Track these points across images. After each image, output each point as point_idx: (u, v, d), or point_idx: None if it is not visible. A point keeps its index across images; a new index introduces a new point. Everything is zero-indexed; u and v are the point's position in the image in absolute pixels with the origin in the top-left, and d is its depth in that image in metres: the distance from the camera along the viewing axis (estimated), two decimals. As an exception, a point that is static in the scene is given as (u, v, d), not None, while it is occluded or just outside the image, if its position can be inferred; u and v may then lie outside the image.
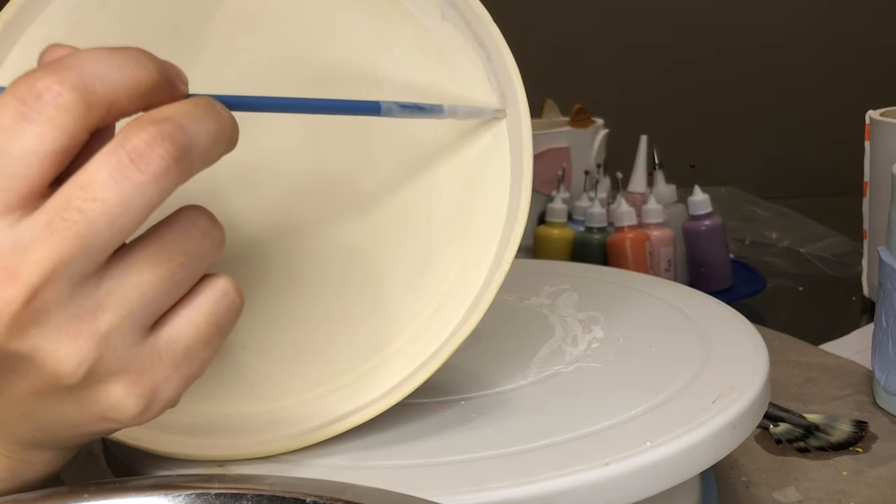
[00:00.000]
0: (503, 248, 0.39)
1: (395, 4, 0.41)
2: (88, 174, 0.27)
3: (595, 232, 0.83)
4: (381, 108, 0.36)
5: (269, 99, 0.33)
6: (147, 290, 0.29)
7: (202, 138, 0.28)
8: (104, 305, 0.28)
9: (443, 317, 0.39)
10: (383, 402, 0.37)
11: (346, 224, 0.41)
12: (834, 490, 0.48)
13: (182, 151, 0.28)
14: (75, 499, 0.30)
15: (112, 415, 0.30)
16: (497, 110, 0.40)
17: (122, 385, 0.30)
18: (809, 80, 1.34)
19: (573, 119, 0.92)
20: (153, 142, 0.27)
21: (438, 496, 0.32)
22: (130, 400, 0.30)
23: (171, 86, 0.29)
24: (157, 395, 0.30)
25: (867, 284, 0.79)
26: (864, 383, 0.60)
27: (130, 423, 0.31)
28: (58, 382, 0.29)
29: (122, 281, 0.29)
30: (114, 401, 0.30)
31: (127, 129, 0.28)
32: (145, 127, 0.27)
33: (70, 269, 0.27)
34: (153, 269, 0.29)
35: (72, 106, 0.27)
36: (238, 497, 0.29)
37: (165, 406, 0.31)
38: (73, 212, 0.27)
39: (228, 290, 0.31)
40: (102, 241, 0.27)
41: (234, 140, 0.30)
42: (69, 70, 0.27)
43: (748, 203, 1.07)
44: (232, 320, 0.31)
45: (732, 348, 0.45)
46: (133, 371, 0.29)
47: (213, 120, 0.29)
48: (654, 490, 0.35)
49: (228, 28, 0.40)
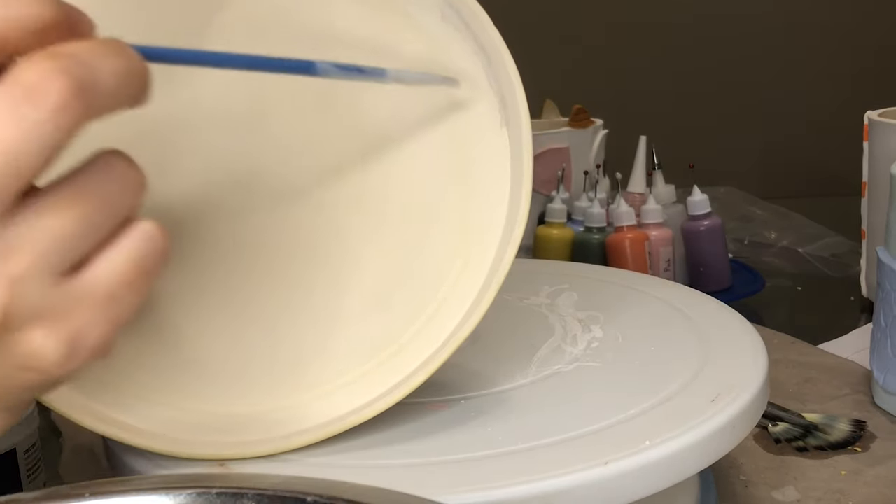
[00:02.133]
0: (503, 249, 0.39)
1: (394, 6, 0.41)
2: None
3: (594, 232, 0.83)
4: (316, 68, 0.34)
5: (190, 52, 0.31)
6: (60, 233, 0.28)
7: (107, 76, 0.27)
8: (15, 248, 0.27)
9: (443, 316, 0.39)
10: (383, 401, 0.37)
11: (345, 224, 0.41)
12: (832, 489, 0.48)
13: (82, 86, 0.26)
14: (75, 498, 0.30)
15: (34, 363, 0.29)
16: (448, 77, 0.39)
17: (41, 332, 0.28)
18: (809, 81, 1.34)
19: (573, 119, 0.93)
20: (49, 75, 0.26)
21: (438, 496, 0.32)
22: (51, 345, 0.28)
23: (72, 25, 0.28)
24: (80, 342, 0.29)
25: (866, 284, 0.79)
26: (862, 383, 0.60)
27: (56, 372, 0.29)
28: None
29: (34, 224, 0.27)
30: (35, 348, 0.28)
31: (21, 64, 0.26)
32: (42, 61, 0.26)
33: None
34: (66, 211, 0.28)
35: None
36: (239, 496, 0.29)
37: (92, 353, 0.29)
38: None
39: (153, 233, 0.30)
40: (3, 183, 0.26)
41: (145, 85, 0.29)
42: None
43: (747, 203, 1.08)
44: (157, 263, 0.30)
45: (731, 348, 0.45)
46: (51, 316, 0.28)
47: (121, 58, 0.28)
48: (653, 489, 0.35)
49: (230, 31, 0.40)
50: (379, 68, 0.37)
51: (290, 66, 0.34)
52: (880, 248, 0.57)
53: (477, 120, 0.41)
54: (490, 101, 0.41)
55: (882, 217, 0.64)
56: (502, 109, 0.40)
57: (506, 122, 0.40)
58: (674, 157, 0.87)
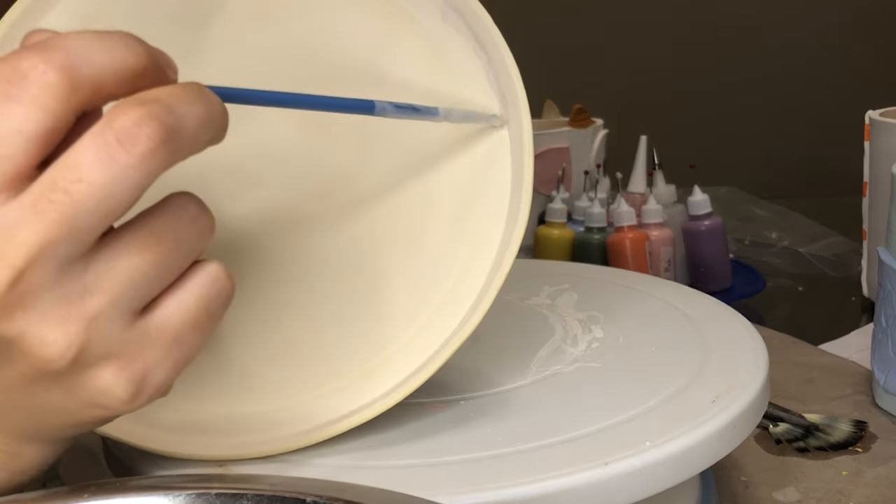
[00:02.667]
0: (504, 249, 0.39)
1: (395, 6, 0.41)
2: (75, 155, 0.27)
3: (595, 232, 0.83)
4: (375, 108, 0.36)
5: (262, 92, 0.33)
6: (135, 274, 0.29)
7: (191, 121, 0.28)
8: (92, 289, 0.28)
9: (443, 317, 0.39)
10: (384, 402, 0.37)
11: (345, 223, 0.41)
12: (833, 490, 0.48)
13: (170, 133, 0.27)
14: (75, 499, 0.30)
15: (102, 401, 0.30)
16: (493, 116, 0.40)
17: (110, 370, 0.29)
18: (809, 81, 1.34)
19: (573, 119, 0.93)
20: (141, 122, 0.27)
21: (438, 496, 0.32)
22: (120, 385, 0.29)
23: (159, 71, 0.29)
24: (148, 381, 0.30)
25: (867, 284, 0.79)
26: (863, 383, 0.60)
27: (121, 409, 0.30)
28: (45, 368, 0.29)
29: (111, 264, 0.28)
30: (103, 386, 0.29)
31: (114, 110, 0.27)
32: (133, 107, 0.27)
33: (56, 252, 0.27)
34: (142, 253, 0.29)
35: (57, 86, 0.27)
36: (238, 497, 0.29)
37: (156, 392, 0.30)
38: (59, 193, 0.27)
39: (219, 275, 0.31)
40: (89, 224, 0.27)
41: (224, 127, 0.30)
42: (55, 50, 0.27)
43: (748, 203, 1.07)
44: (223, 305, 0.31)
45: (732, 348, 0.45)
46: (122, 355, 0.29)
47: (203, 104, 0.28)
48: (653, 490, 0.35)
49: (233, 28, 0.40)
50: (432, 108, 0.38)
51: (353, 107, 0.36)
52: (881, 248, 0.57)
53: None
54: (491, 101, 0.41)
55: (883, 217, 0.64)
56: (503, 109, 0.40)
57: (506, 121, 0.40)
58: (674, 157, 0.87)
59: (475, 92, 0.41)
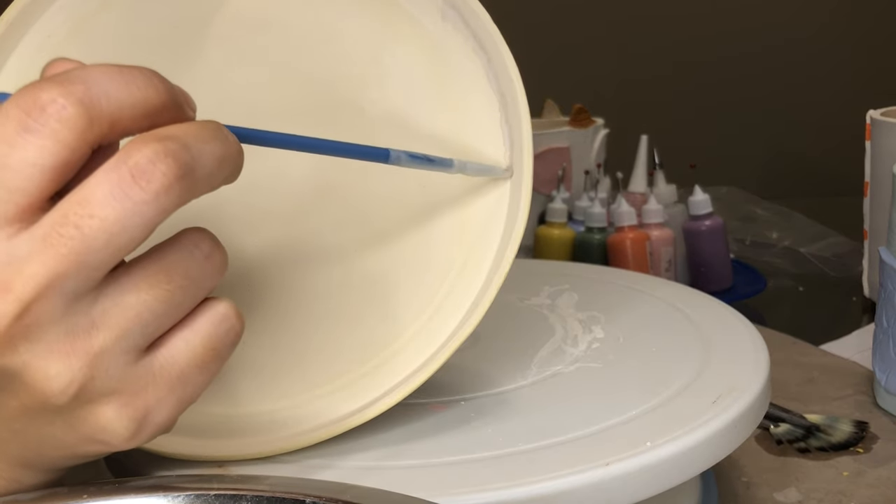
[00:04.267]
0: (503, 249, 0.39)
1: (395, 6, 0.41)
2: (88, 190, 0.27)
3: (595, 232, 0.83)
4: (389, 156, 0.35)
5: (279, 135, 0.32)
6: (144, 311, 0.28)
7: (207, 160, 0.28)
8: (99, 324, 0.28)
9: (443, 317, 0.39)
10: (383, 402, 0.37)
11: (345, 225, 0.41)
12: (834, 490, 0.48)
13: (185, 170, 0.27)
14: (75, 499, 0.30)
15: (102, 437, 0.29)
16: (507, 169, 0.40)
17: (112, 406, 0.29)
18: (810, 80, 1.34)
19: (573, 119, 0.92)
20: (156, 158, 0.27)
21: (438, 496, 0.32)
22: (121, 422, 0.29)
23: (178, 108, 0.29)
24: (149, 419, 0.30)
25: (868, 284, 0.79)
26: (864, 383, 0.60)
27: (121, 445, 0.30)
28: (47, 401, 0.28)
29: (119, 300, 0.28)
30: (104, 422, 0.29)
31: (130, 145, 0.27)
32: (149, 143, 0.27)
33: (65, 286, 0.27)
34: (151, 290, 0.28)
35: (75, 120, 0.26)
36: (237, 498, 0.29)
37: (158, 430, 0.30)
38: (70, 227, 0.26)
39: (229, 314, 0.30)
40: (99, 259, 0.27)
41: (239, 167, 0.29)
42: (75, 83, 0.27)
43: (749, 203, 1.07)
44: (231, 345, 0.31)
45: (733, 348, 0.45)
46: (125, 392, 0.29)
47: (219, 143, 0.28)
48: (654, 490, 0.35)
49: (229, 31, 0.40)
50: (447, 159, 0.38)
51: (368, 154, 0.35)
52: (882, 248, 0.57)
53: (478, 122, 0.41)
54: (490, 101, 0.40)
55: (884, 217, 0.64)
56: (502, 108, 0.40)
57: (506, 121, 0.40)
58: (675, 157, 0.87)
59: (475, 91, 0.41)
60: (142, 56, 0.39)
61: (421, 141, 0.40)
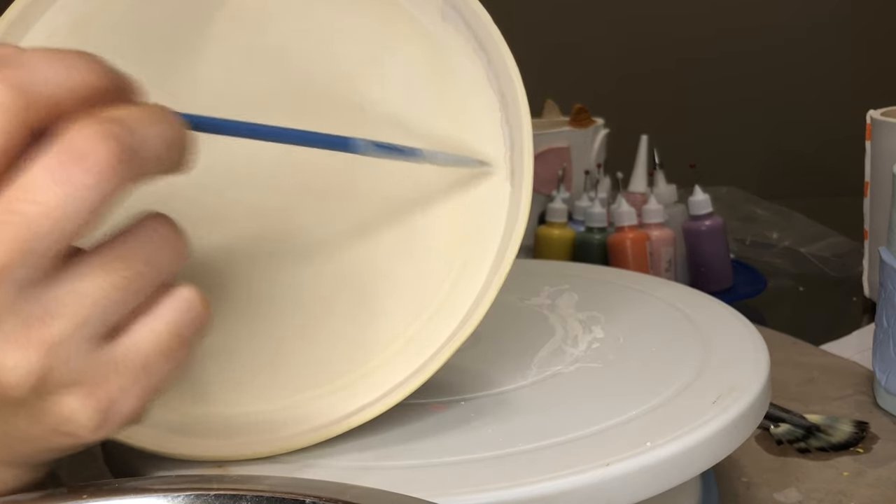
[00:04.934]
0: (504, 249, 0.39)
1: (395, 6, 0.41)
2: (29, 175, 0.26)
3: (595, 232, 0.83)
4: (352, 145, 0.35)
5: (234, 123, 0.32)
6: (101, 298, 0.28)
7: (151, 143, 0.27)
8: (55, 313, 0.27)
9: (443, 317, 0.39)
10: (383, 402, 0.37)
11: (343, 223, 0.41)
12: (835, 491, 0.48)
13: (127, 152, 0.26)
14: (74, 499, 0.30)
15: (66, 428, 0.29)
16: (480, 161, 0.40)
17: (75, 397, 0.28)
18: (810, 80, 1.34)
19: (573, 119, 0.92)
20: (97, 140, 0.26)
21: (438, 496, 0.32)
22: (85, 413, 0.28)
23: (121, 93, 0.28)
24: (114, 409, 0.29)
25: (868, 284, 0.79)
26: (864, 383, 0.60)
27: (87, 437, 0.29)
28: (7, 394, 0.28)
29: (75, 288, 0.27)
30: (67, 413, 0.28)
31: (70, 128, 0.26)
32: (89, 125, 0.26)
33: (13, 274, 0.26)
34: (108, 276, 0.28)
35: (10, 104, 0.26)
36: (237, 498, 0.29)
37: (125, 420, 0.29)
38: (13, 214, 0.26)
39: (193, 300, 0.30)
40: (45, 246, 0.26)
41: (188, 152, 0.29)
42: (11, 68, 0.26)
43: (749, 203, 1.07)
44: (196, 331, 0.30)
45: (733, 348, 0.45)
46: (87, 382, 0.28)
47: (164, 126, 0.28)
48: (654, 490, 0.35)
49: (229, 31, 0.40)
50: (416, 149, 0.38)
51: (331, 143, 0.35)
52: (883, 248, 0.57)
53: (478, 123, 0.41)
54: (491, 101, 0.40)
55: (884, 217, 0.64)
56: (503, 109, 0.40)
57: (507, 121, 0.40)
58: (675, 157, 0.87)
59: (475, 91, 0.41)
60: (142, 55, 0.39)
61: (421, 141, 0.40)
